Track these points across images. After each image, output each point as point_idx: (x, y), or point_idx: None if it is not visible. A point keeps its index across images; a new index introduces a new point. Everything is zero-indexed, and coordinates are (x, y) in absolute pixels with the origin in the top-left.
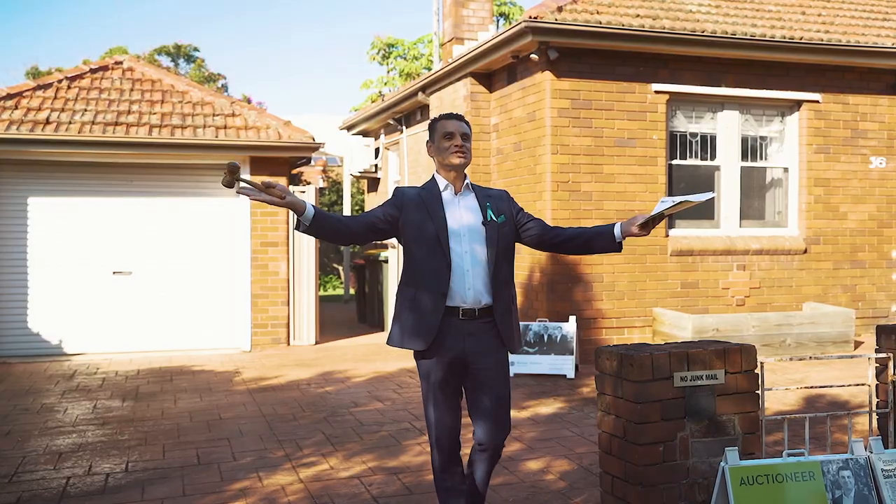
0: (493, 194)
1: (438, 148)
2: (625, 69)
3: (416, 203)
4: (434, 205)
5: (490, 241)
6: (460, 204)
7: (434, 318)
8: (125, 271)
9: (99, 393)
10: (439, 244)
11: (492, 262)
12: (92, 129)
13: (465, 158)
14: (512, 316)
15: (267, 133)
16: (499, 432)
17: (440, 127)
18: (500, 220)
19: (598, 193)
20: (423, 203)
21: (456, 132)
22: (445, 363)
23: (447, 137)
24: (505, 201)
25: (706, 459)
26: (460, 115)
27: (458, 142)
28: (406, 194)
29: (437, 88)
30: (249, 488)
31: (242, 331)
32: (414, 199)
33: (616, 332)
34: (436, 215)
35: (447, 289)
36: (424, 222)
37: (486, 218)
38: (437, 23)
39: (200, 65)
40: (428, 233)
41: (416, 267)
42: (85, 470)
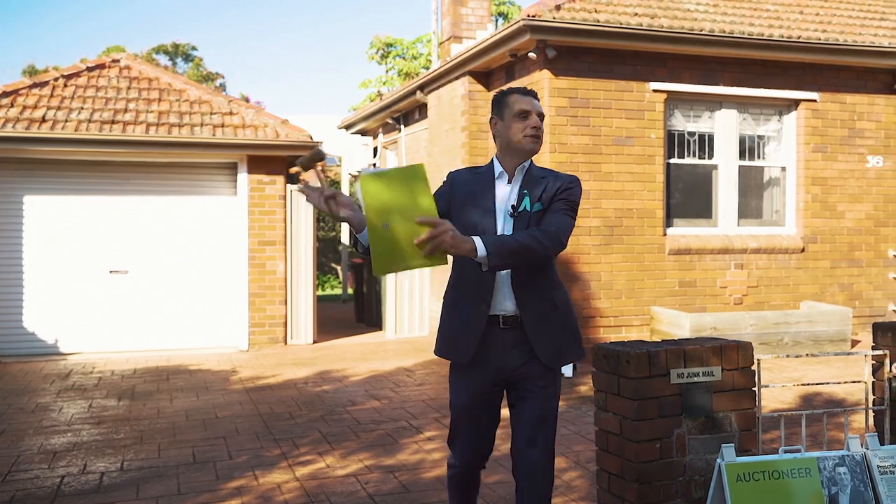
0: (544, 177)
1: (507, 128)
2: (623, 68)
3: (466, 192)
4: (483, 194)
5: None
6: (511, 194)
7: (477, 329)
8: (122, 270)
9: (94, 392)
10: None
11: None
12: (88, 128)
13: (539, 144)
14: (550, 324)
15: (264, 132)
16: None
17: (512, 103)
18: (535, 209)
19: (596, 192)
20: (472, 192)
21: (532, 111)
22: (483, 378)
23: (521, 117)
24: (552, 186)
25: (703, 456)
26: (534, 91)
27: (536, 122)
28: (456, 180)
29: (435, 87)
30: (245, 487)
31: (240, 330)
32: (464, 186)
33: (614, 331)
34: (483, 207)
35: (490, 296)
36: (470, 215)
37: (518, 207)
38: (435, 22)
39: (198, 64)
40: (471, 228)
41: (459, 268)
42: (80, 469)
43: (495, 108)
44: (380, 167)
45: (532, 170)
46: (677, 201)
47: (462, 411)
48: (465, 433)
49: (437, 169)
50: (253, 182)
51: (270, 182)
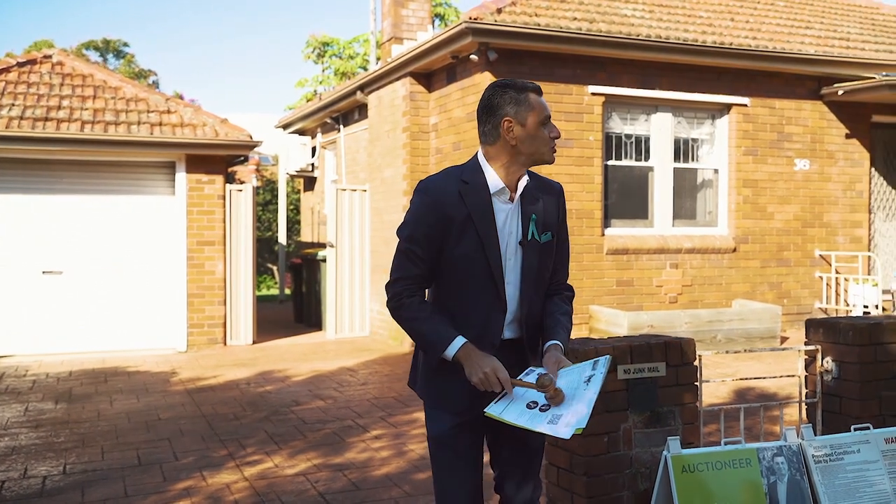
0: (542, 195)
1: (532, 136)
2: (563, 71)
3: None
4: (482, 218)
5: (526, 269)
6: (514, 218)
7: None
8: (55, 271)
9: (30, 395)
10: (491, 278)
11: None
12: (21, 125)
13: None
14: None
15: (203, 131)
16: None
17: (535, 105)
18: (545, 240)
19: None
20: (469, 215)
21: (550, 117)
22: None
23: (545, 125)
24: (554, 207)
25: (648, 449)
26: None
27: (557, 134)
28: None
29: (375, 88)
30: (193, 487)
31: (178, 331)
32: (458, 206)
33: None
34: (485, 236)
35: (499, 340)
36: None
37: (528, 235)
38: (373, 22)
39: (130, 61)
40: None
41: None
42: (20, 473)
43: (509, 107)
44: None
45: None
46: (615, 202)
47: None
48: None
49: (377, 170)
50: (191, 181)
51: (209, 182)
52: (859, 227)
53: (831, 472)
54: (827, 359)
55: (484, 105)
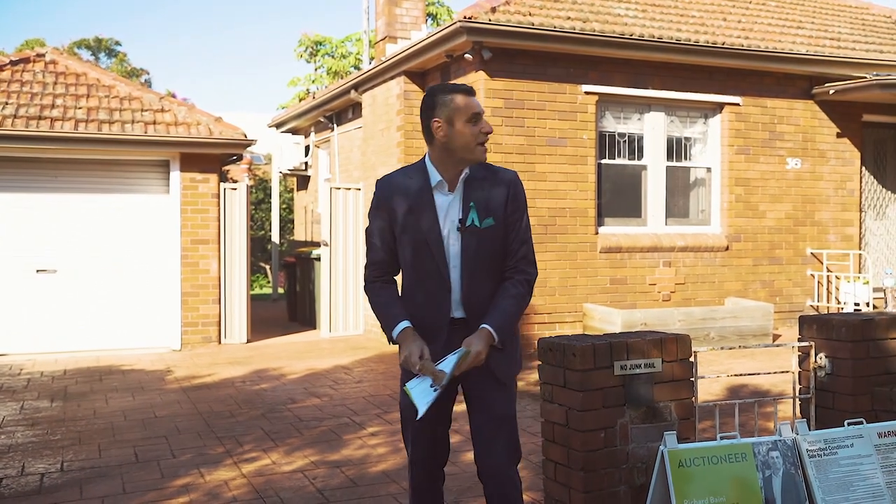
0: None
1: (458, 133)
2: (556, 70)
3: (405, 207)
4: (424, 209)
5: (466, 252)
6: (454, 206)
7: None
8: (49, 269)
9: (25, 394)
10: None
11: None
12: (14, 123)
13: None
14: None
15: (198, 129)
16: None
17: (463, 105)
18: (486, 225)
19: (530, 191)
20: (412, 207)
21: (482, 115)
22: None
23: (474, 121)
24: (501, 195)
25: (644, 444)
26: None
27: (488, 128)
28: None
29: (369, 87)
30: (192, 484)
31: (172, 329)
32: (402, 199)
33: (548, 328)
34: (427, 223)
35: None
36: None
37: (466, 222)
38: (366, 21)
39: (122, 59)
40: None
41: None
42: (18, 470)
43: (438, 110)
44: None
45: (471, 172)
46: (608, 201)
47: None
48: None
49: (371, 169)
50: (186, 180)
51: (204, 180)
52: (850, 225)
53: (825, 466)
54: (820, 355)
55: (420, 109)
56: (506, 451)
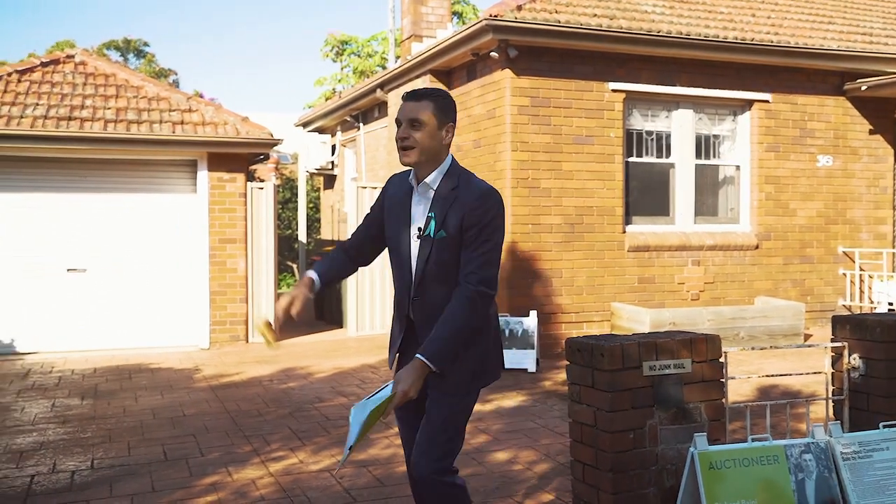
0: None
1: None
2: (583, 68)
3: (391, 204)
4: (401, 209)
5: (421, 258)
6: (424, 208)
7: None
8: (80, 268)
9: (56, 391)
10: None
11: (417, 283)
12: (45, 124)
13: (408, 157)
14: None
15: (225, 129)
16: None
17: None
18: (438, 236)
19: (557, 190)
20: (393, 206)
21: (403, 119)
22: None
23: (396, 125)
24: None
25: (674, 446)
26: (423, 90)
27: (401, 133)
28: (388, 188)
29: (395, 86)
30: (220, 483)
31: (201, 328)
32: (392, 197)
33: (575, 327)
34: (401, 224)
35: (406, 316)
36: (392, 232)
37: (424, 231)
38: (391, 20)
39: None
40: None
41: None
42: (49, 468)
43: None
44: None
45: (443, 182)
46: (636, 199)
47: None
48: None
49: (397, 167)
50: (213, 180)
51: (231, 180)
52: (883, 223)
53: (860, 469)
54: (854, 355)
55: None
56: (428, 459)
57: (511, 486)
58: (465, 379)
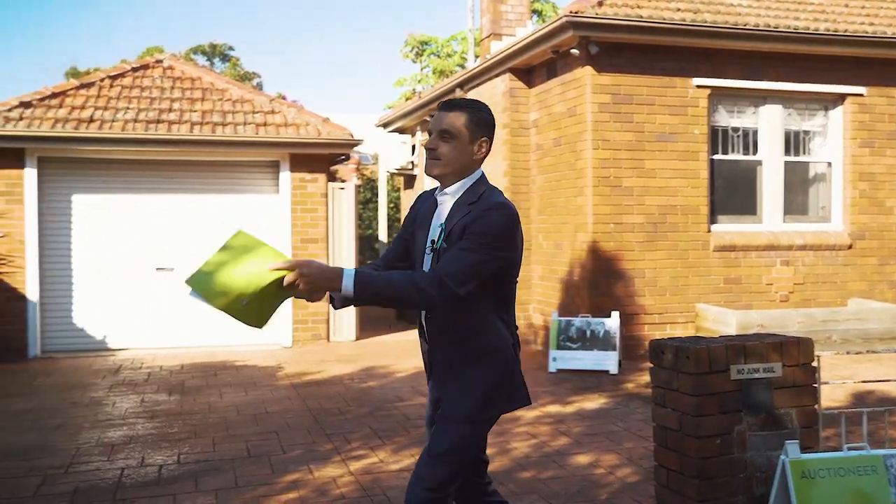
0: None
1: None
2: (665, 63)
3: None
4: (424, 221)
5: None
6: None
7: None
8: (167, 267)
9: (145, 387)
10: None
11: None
12: (134, 127)
13: (433, 169)
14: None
15: (306, 130)
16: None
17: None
18: (442, 247)
19: (639, 189)
20: (417, 217)
21: (433, 129)
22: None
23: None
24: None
25: (764, 453)
26: (459, 100)
27: (429, 143)
28: (418, 200)
29: (475, 85)
30: (301, 480)
31: (283, 327)
32: (420, 209)
33: (658, 328)
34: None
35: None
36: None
37: (437, 242)
38: (471, 19)
39: (235, 63)
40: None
41: None
42: (138, 461)
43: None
44: (197, 269)
45: (464, 195)
46: (721, 197)
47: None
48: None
49: None
50: (295, 180)
51: (312, 180)
52: None
53: None
54: None
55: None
56: (422, 486)
57: (592, 490)
58: (476, 405)
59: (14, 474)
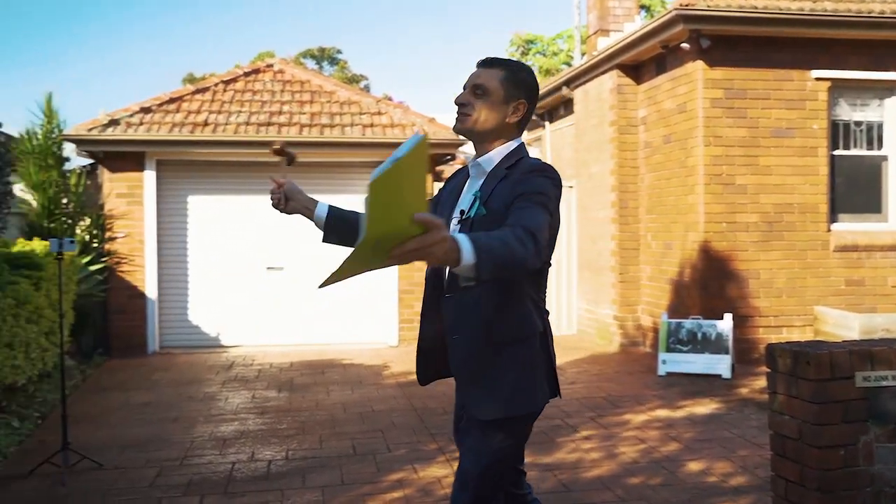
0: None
1: None
2: (782, 56)
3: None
4: (455, 192)
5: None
6: (467, 194)
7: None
8: (277, 267)
9: (256, 383)
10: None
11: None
12: (246, 130)
13: (460, 124)
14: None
15: (412, 130)
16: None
17: None
18: (478, 214)
19: (753, 186)
20: (450, 190)
21: (467, 84)
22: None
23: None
24: (511, 184)
25: (893, 466)
26: (498, 57)
27: (460, 98)
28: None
29: (581, 82)
30: (405, 479)
31: (390, 326)
32: (451, 182)
33: (774, 332)
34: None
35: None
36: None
37: (467, 212)
38: (577, 16)
39: (343, 67)
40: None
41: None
42: (248, 456)
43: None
44: (387, 161)
45: (502, 162)
46: (842, 195)
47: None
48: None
49: (583, 166)
50: None
51: None
52: None
53: None
54: None
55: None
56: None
57: (704, 499)
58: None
59: (134, 465)
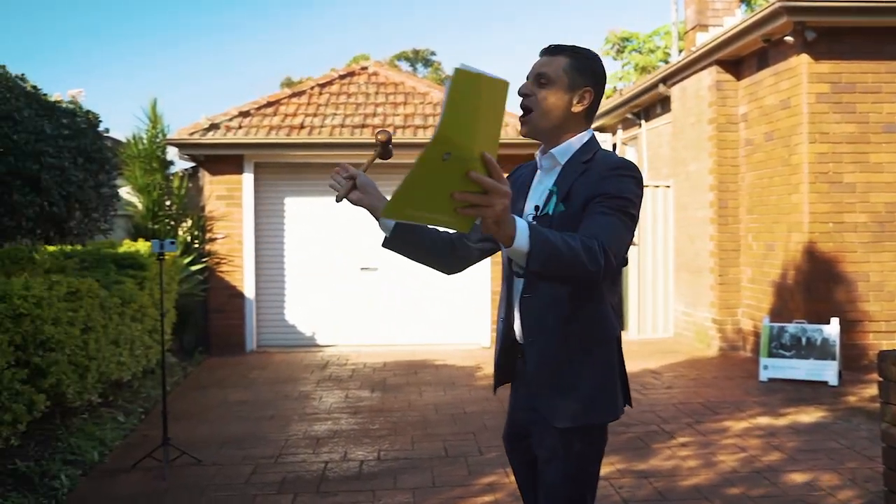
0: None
1: None
2: (893, 48)
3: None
4: (523, 185)
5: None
6: (539, 190)
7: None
8: (371, 267)
9: (349, 383)
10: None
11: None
12: (341, 132)
13: (525, 125)
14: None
15: (505, 130)
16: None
17: None
18: (556, 211)
19: (863, 185)
20: (517, 183)
21: (530, 75)
22: (511, 419)
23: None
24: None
25: None
26: (562, 45)
27: (523, 88)
28: (515, 171)
29: (679, 79)
30: (497, 483)
31: (482, 327)
32: (517, 175)
33: (886, 337)
34: (520, 201)
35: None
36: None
37: (542, 209)
38: (674, 12)
39: (437, 68)
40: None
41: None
42: (341, 455)
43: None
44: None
45: (577, 154)
46: None
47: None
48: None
49: (681, 164)
50: None
51: None
52: None
53: None
54: None
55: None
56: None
57: None
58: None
59: (230, 461)
